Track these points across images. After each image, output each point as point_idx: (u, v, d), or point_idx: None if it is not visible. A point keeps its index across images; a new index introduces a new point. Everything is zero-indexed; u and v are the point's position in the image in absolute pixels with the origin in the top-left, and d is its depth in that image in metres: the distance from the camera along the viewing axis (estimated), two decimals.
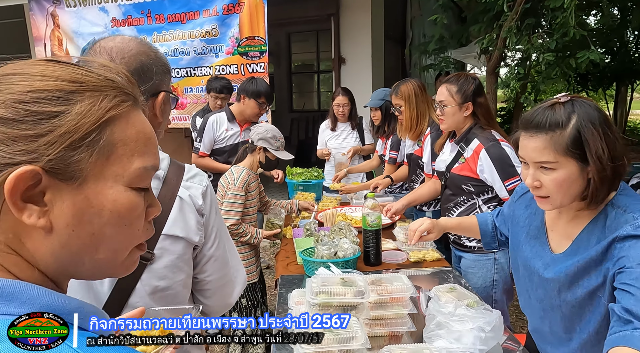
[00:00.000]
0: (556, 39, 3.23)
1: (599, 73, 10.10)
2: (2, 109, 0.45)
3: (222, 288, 1.17)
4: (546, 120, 1.12)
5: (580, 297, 1.17)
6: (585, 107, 1.12)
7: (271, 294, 3.75)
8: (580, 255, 1.17)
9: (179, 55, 4.68)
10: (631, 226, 1.07)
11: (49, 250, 0.48)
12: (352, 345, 1.30)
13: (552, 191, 1.15)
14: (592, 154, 1.08)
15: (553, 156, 1.12)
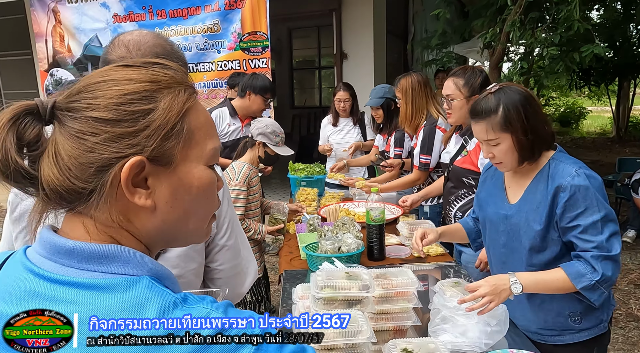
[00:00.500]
0: (560, 33, 3.21)
1: (602, 68, 10.06)
2: (107, 112, 0.54)
3: (234, 278, 1.19)
4: (482, 109, 1.47)
5: (534, 232, 1.48)
6: (509, 94, 1.45)
7: (274, 289, 3.75)
8: (530, 199, 1.50)
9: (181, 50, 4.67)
10: (570, 177, 1.41)
11: (153, 225, 0.59)
12: (357, 339, 1.30)
13: (502, 158, 1.50)
14: (516, 128, 1.43)
15: (493, 134, 1.47)
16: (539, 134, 1.44)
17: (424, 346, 1.40)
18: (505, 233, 1.58)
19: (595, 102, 15.85)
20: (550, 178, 1.46)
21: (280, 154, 2.62)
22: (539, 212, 1.46)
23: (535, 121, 1.44)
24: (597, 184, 1.43)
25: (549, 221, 1.45)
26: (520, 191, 1.55)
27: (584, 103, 16.10)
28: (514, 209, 1.54)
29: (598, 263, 1.38)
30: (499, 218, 1.60)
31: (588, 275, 1.38)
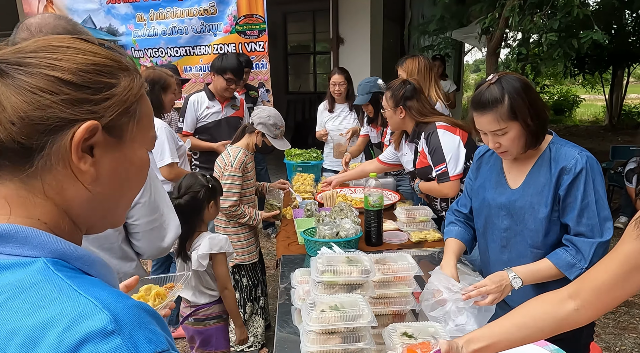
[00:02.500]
0: (559, 18, 3.19)
1: (596, 56, 10.05)
2: (71, 76, 0.55)
3: (151, 232, 1.33)
4: (487, 100, 1.46)
5: (541, 217, 1.49)
6: (510, 82, 1.46)
7: (269, 274, 3.76)
8: (534, 183, 1.52)
9: (178, 33, 4.59)
10: (574, 159, 1.44)
11: (86, 198, 0.59)
12: (358, 323, 1.30)
13: (509, 147, 1.50)
14: (524, 115, 1.44)
15: (502, 124, 1.46)
16: (542, 119, 1.48)
17: (423, 330, 1.40)
18: (508, 217, 1.59)
19: (589, 90, 15.88)
20: (553, 161, 1.49)
21: (276, 147, 2.62)
22: (544, 195, 1.49)
23: (538, 106, 1.48)
24: (597, 167, 1.47)
25: (553, 203, 1.49)
26: (522, 176, 1.57)
27: (578, 91, 16.13)
28: (517, 194, 1.56)
29: (588, 249, 1.42)
30: (500, 203, 1.62)
31: (577, 264, 1.43)
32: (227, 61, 3.24)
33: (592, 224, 1.43)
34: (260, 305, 2.79)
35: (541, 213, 1.50)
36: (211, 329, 2.09)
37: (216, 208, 2.11)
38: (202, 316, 2.08)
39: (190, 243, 2.03)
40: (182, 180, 2.05)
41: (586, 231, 1.43)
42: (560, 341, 1.41)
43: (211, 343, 2.09)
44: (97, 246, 1.26)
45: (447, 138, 2.28)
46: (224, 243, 2.01)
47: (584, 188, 1.43)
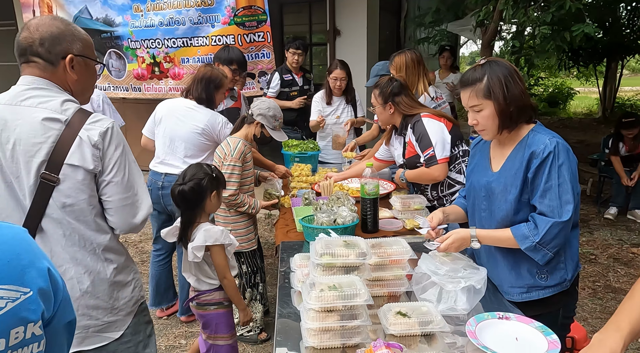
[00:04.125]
0: (552, 12, 3.25)
1: (590, 49, 10.11)
2: None
3: (124, 209, 1.47)
4: (469, 78, 1.63)
5: (509, 197, 1.63)
6: (495, 66, 1.60)
7: (267, 262, 3.84)
8: (510, 166, 1.64)
9: (175, 24, 4.61)
10: (543, 144, 1.54)
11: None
12: (355, 301, 1.38)
13: (484, 124, 1.63)
14: (498, 95, 1.57)
15: (477, 101, 1.61)
16: (517, 104, 1.58)
17: (417, 309, 1.49)
18: (487, 198, 1.72)
19: (584, 82, 15.97)
20: (527, 146, 1.60)
21: (275, 138, 2.68)
22: (517, 177, 1.61)
23: (515, 92, 1.58)
24: (565, 154, 1.55)
25: (523, 185, 1.60)
26: (503, 159, 1.69)
27: (572, 84, 16.21)
28: (495, 176, 1.69)
29: (544, 226, 1.53)
30: (482, 185, 1.74)
31: (530, 237, 1.55)
32: (234, 52, 3.35)
33: (553, 205, 1.53)
34: (259, 291, 2.87)
35: (511, 194, 1.62)
36: (212, 314, 2.14)
37: (218, 200, 2.13)
38: (203, 301, 2.14)
39: (191, 232, 2.07)
40: (186, 169, 2.10)
41: (547, 211, 1.54)
42: (539, 317, 1.51)
43: (212, 328, 2.15)
44: (73, 218, 1.41)
45: (432, 124, 2.41)
46: (219, 235, 2.01)
47: (549, 171, 1.54)
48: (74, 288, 1.44)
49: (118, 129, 1.47)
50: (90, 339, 1.50)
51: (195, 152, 2.85)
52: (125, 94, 5.22)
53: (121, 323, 1.54)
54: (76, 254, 1.44)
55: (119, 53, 5.05)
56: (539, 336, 1.40)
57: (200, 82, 2.86)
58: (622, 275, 3.77)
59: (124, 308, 1.54)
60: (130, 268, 1.58)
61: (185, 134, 2.82)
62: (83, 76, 1.47)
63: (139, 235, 4.80)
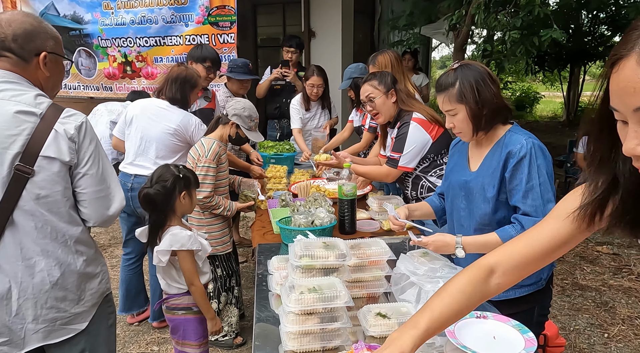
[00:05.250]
0: (522, 16, 3.35)
1: (555, 54, 10.48)
2: None
3: (97, 201, 1.51)
4: (443, 83, 1.66)
5: (487, 196, 1.65)
6: (466, 71, 1.63)
7: (242, 266, 3.79)
8: (487, 166, 1.67)
9: (147, 23, 4.50)
10: (519, 144, 1.57)
11: None
12: (336, 303, 1.37)
13: (460, 127, 1.67)
14: (469, 100, 1.61)
15: (450, 105, 1.65)
16: (490, 107, 1.62)
17: (396, 310, 1.49)
18: (466, 197, 1.75)
19: (549, 87, 16.52)
20: (504, 146, 1.63)
21: (250, 138, 2.65)
22: (494, 176, 1.64)
23: (487, 95, 1.61)
24: (542, 153, 1.59)
25: (500, 184, 1.63)
26: (480, 159, 1.72)
27: (538, 88, 16.74)
28: (473, 175, 1.72)
29: (531, 226, 1.52)
30: (460, 184, 1.77)
31: None
32: (207, 50, 3.31)
33: (536, 205, 1.56)
34: (234, 295, 2.83)
35: (489, 193, 1.65)
36: (179, 319, 2.07)
37: (190, 200, 2.04)
38: (172, 305, 2.07)
39: (161, 235, 2.01)
40: (155, 170, 2.04)
41: (531, 211, 1.57)
42: (515, 315, 1.54)
43: (179, 333, 2.07)
44: (46, 209, 1.42)
45: (417, 133, 2.34)
46: (186, 240, 1.92)
47: (528, 171, 1.56)
48: (44, 280, 1.45)
49: (90, 124, 1.51)
50: (57, 332, 1.50)
51: (167, 153, 2.79)
52: (96, 93, 5.06)
53: (86, 315, 1.57)
54: (47, 246, 1.45)
55: (89, 51, 4.89)
56: (515, 334, 1.42)
57: (175, 82, 2.79)
58: (588, 273, 3.90)
59: (90, 299, 1.57)
60: (98, 260, 1.61)
61: (157, 134, 2.75)
62: (54, 73, 1.51)
63: (108, 238, 4.66)
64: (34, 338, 1.46)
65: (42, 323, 1.47)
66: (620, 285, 3.68)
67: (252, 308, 3.25)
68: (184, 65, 2.94)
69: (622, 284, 3.69)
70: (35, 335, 1.46)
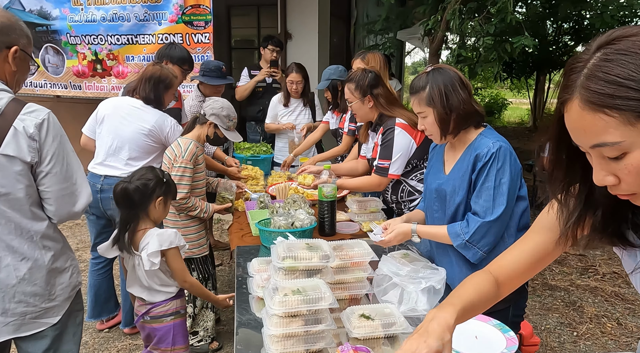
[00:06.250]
0: (495, 23, 3.44)
1: (522, 62, 10.84)
2: None
3: (63, 198, 1.50)
4: (414, 86, 1.70)
5: (460, 199, 1.68)
6: (437, 75, 1.66)
7: (218, 269, 3.72)
8: (458, 169, 1.70)
9: (119, 20, 4.37)
10: (486, 147, 1.60)
11: None
12: (320, 305, 1.35)
13: (430, 130, 1.71)
14: (437, 104, 1.64)
15: (420, 108, 1.69)
16: (457, 113, 1.64)
17: (380, 311, 1.48)
18: (439, 200, 1.78)
19: (516, 94, 17.05)
20: (473, 149, 1.66)
21: (229, 138, 2.60)
22: (464, 179, 1.67)
23: (455, 101, 1.63)
24: (507, 157, 1.61)
25: (469, 186, 1.66)
26: (454, 162, 1.75)
27: (506, 95, 17.25)
28: (446, 178, 1.75)
29: (474, 225, 1.60)
30: (434, 187, 1.80)
31: (461, 235, 1.63)
32: (184, 52, 3.22)
33: (486, 206, 1.60)
34: None
35: (459, 196, 1.69)
36: (168, 326, 2.01)
37: (164, 209, 2.00)
38: (159, 313, 2.00)
39: (134, 239, 1.93)
40: (137, 170, 1.99)
41: (479, 211, 1.61)
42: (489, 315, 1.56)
43: (168, 341, 2.01)
44: (8, 207, 1.42)
45: (402, 138, 2.30)
46: (173, 237, 1.92)
47: (487, 172, 1.60)
48: (10, 275, 1.45)
49: (54, 119, 1.47)
50: (27, 326, 1.51)
51: (140, 154, 2.70)
52: (63, 91, 4.88)
53: (58, 309, 1.57)
54: (12, 242, 1.45)
55: (57, 48, 4.72)
56: (497, 333, 1.44)
57: (149, 82, 2.71)
58: (557, 273, 4.02)
59: (61, 294, 1.57)
60: (67, 255, 1.61)
61: (130, 134, 2.67)
62: (20, 69, 1.51)
63: (75, 242, 4.49)
64: (4, 331, 1.48)
65: (12, 317, 1.48)
66: (587, 284, 3.81)
67: (227, 312, 3.20)
68: (160, 64, 2.87)
69: (589, 284, 3.82)
70: (6, 328, 1.48)
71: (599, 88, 0.62)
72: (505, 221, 1.64)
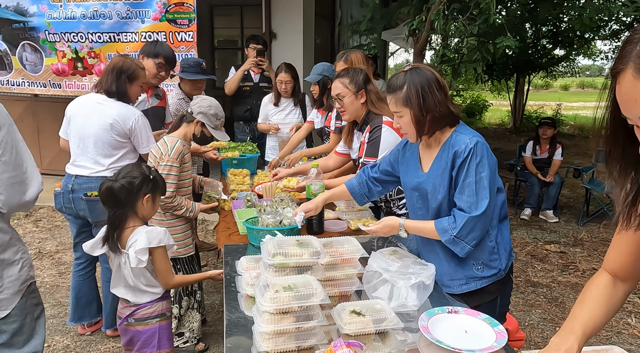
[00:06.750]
0: (478, 24, 3.49)
1: (502, 65, 11.03)
2: None
3: (13, 187, 1.49)
4: (392, 84, 1.70)
5: (440, 195, 1.70)
6: (415, 75, 1.66)
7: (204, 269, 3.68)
8: (437, 167, 1.71)
9: (100, 18, 4.29)
10: (464, 144, 1.62)
11: None
12: (312, 301, 1.34)
13: (406, 129, 1.72)
14: (414, 105, 1.64)
15: (397, 108, 1.69)
16: (433, 114, 1.66)
17: (370, 307, 1.48)
18: (421, 198, 1.80)
19: (496, 96, 17.32)
20: (450, 147, 1.68)
21: (216, 137, 2.57)
22: (443, 176, 1.68)
23: (431, 103, 1.64)
24: (484, 152, 1.65)
25: (450, 183, 1.68)
26: (431, 161, 1.76)
27: (487, 97, 17.51)
28: (425, 176, 1.76)
29: (461, 220, 1.63)
30: (413, 186, 1.82)
31: (449, 231, 1.65)
32: (161, 46, 3.16)
33: (470, 201, 1.62)
34: (196, 299, 2.73)
35: (440, 193, 1.70)
36: (153, 329, 1.96)
37: (153, 206, 1.96)
38: (145, 315, 1.95)
39: (122, 236, 1.90)
40: (123, 167, 1.94)
41: (465, 206, 1.63)
42: (479, 307, 1.58)
43: (153, 344, 1.96)
44: None
45: (389, 136, 2.29)
46: (162, 235, 1.89)
47: (467, 168, 1.62)
48: None
49: (2, 108, 1.46)
50: None
51: (107, 151, 2.64)
52: (42, 90, 4.77)
53: (7, 303, 1.54)
54: None
55: (35, 46, 4.60)
56: (486, 327, 1.45)
57: (111, 73, 2.63)
58: (539, 270, 4.09)
59: (10, 286, 1.53)
60: (17, 247, 1.58)
61: (94, 131, 2.61)
62: None
63: (55, 244, 4.38)
64: None
65: None
66: (568, 281, 3.88)
67: (213, 313, 3.17)
68: (125, 56, 2.77)
69: (570, 280, 3.90)
70: None
71: None
72: (490, 214, 1.67)
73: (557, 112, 14.49)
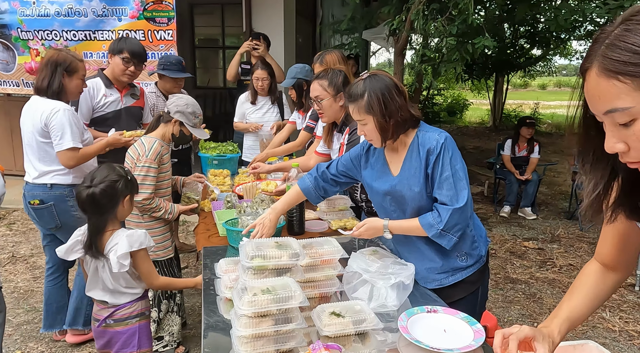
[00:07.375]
0: (457, 24, 3.53)
1: (482, 64, 11.18)
2: None
3: None
4: (352, 93, 1.71)
5: (416, 195, 1.72)
6: (374, 82, 1.67)
7: (183, 272, 3.63)
8: (408, 168, 1.73)
9: (74, 15, 4.19)
10: (435, 141, 1.66)
11: None
12: (291, 304, 1.33)
13: (370, 136, 1.73)
14: (377, 112, 1.66)
15: (359, 116, 1.70)
16: (395, 119, 1.68)
17: (350, 308, 1.48)
18: (394, 201, 1.80)
19: (476, 95, 17.56)
20: (420, 146, 1.71)
21: (196, 136, 2.54)
22: (417, 176, 1.71)
23: (392, 108, 1.67)
24: (453, 145, 1.69)
25: (425, 181, 1.71)
26: (399, 163, 1.78)
27: (467, 96, 17.73)
28: (397, 179, 1.77)
29: (446, 214, 1.66)
30: (385, 191, 1.82)
31: (435, 225, 1.67)
32: (126, 42, 3.04)
33: (450, 194, 1.66)
34: (176, 302, 2.69)
35: (415, 192, 1.73)
36: (133, 329, 1.93)
37: (130, 206, 1.94)
38: (124, 316, 1.92)
39: (102, 241, 1.86)
40: (95, 170, 1.88)
41: (446, 200, 1.67)
42: (462, 300, 1.60)
43: (133, 343, 1.93)
44: None
45: None
46: (143, 238, 1.86)
47: (442, 163, 1.66)
48: None
49: None
50: None
51: (42, 154, 2.56)
52: (15, 89, 4.64)
53: None
54: None
55: (7, 44, 4.47)
56: (464, 326, 1.47)
57: (45, 68, 2.49)
58: (518, 267, 4.16)
59: None
60: None
61: (26, 136, 2.58)
62: None
63: (29, 248, 4.27)
64: None
65: None
66: (546, 277, 3.96)
67: (194, 316, 3.13)
68: (61, 49, 2.66)
69: (548, 276, 3.97)
70: None
71: (615, 56, 0.66)
72: (471, 204, 1.71)
73: (535, 111, 14.77)
